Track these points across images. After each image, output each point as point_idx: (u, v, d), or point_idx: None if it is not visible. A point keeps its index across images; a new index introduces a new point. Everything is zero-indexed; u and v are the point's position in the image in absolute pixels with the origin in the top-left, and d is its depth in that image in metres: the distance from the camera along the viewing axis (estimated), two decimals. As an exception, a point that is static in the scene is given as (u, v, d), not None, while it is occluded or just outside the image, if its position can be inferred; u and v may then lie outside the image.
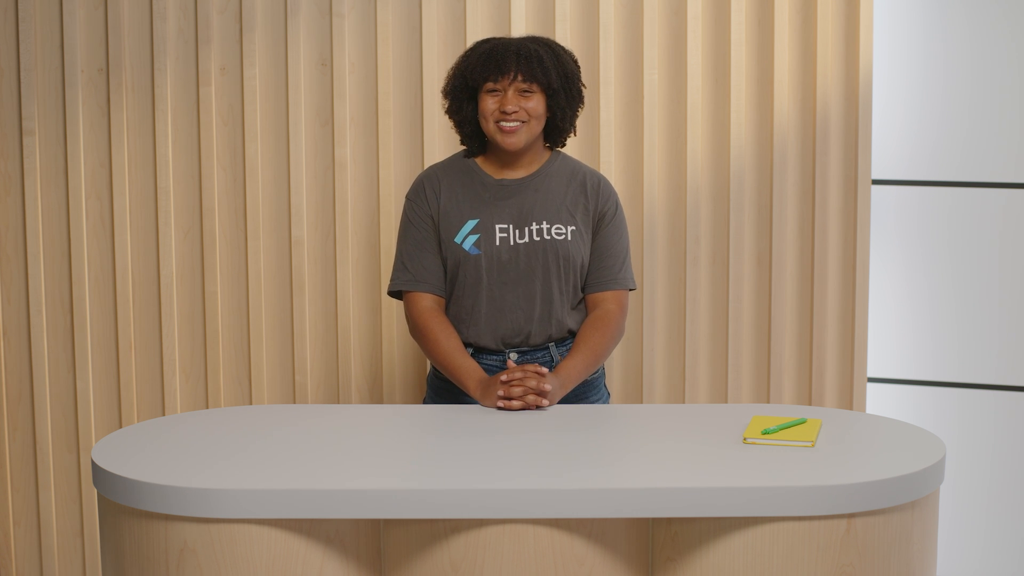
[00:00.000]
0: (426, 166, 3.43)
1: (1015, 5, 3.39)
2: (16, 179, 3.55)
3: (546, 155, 2.94)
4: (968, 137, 3.46)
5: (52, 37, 3.49)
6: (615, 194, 2.93)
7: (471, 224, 2.86)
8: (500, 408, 2.70)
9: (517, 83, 2.80)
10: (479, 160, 2.93)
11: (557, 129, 2.89)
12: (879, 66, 3.44)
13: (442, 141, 3.46)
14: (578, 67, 2.90)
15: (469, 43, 3.38)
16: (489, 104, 2.82)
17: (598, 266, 2.90)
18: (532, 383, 2.69)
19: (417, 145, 3.48)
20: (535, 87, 2.81)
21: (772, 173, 3.41)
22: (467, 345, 2.89)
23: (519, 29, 3.39)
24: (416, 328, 2.88)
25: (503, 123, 2.81)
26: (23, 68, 3.49)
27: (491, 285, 2.86)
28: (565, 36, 3.39)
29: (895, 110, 3.47)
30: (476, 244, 2.85)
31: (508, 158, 2.89)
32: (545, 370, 2.74)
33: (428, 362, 3.03)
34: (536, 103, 2.82)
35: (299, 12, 3.44)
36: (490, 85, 2.81)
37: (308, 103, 3.48)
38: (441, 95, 2.94)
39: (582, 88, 2.89)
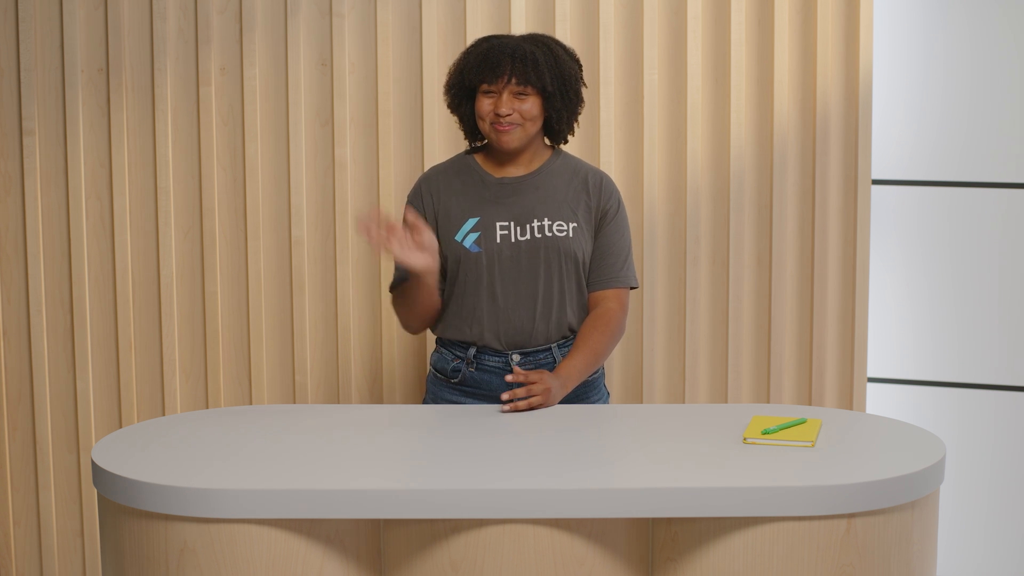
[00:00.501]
0: (426, 166, 3.44)
1: (1015, 5, 3.39)
2: (16, 179, 3.55)
3: (547, 153, 2.94)
4: (968, 137, 3.46)
5: (52, 37, 3.49)
6: (617, 192, 2.93)
7: (472, 222, 2.87)
8: (505, 411, 2.71)
9: (511, 86, 2.80)
10: (480, 158, 2.93)
11: (554, 130, 2.89)
12: (879, 66, 3.44)
13: (442, 141, 3.46)
14: (580, 66, 2.89)
15: (469, 43, 3.37)
16: (485, 106, 2.82)
17: (599, 264, 2.90)
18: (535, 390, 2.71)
19: (417, 145, 3.48)
20: (530, 89, 2.80)
21: (772, 173, 3.41)
22: (470, 344, 2.90)
23: (519, 29, 3.39)
24: (394, 305, 2.96)
25: (497, 125, 2.81)
26: (23, 68, 3.49)
27: (492, 283, 2.86)
28: (565, 36, 3.39)
29: (895, 110, 3.47)
30: (477, 242, 2.86)
31: (508, 156, 2.89)
32: (545, 372, 2.75)
33: (428, 362, 3.04)
34: (531, 105, 2.81)
35: (299, 12, 3.44)
36: (485, 87, 2.81)
37: (308, 103, 3.48)
38: (443, 90, 2.94)
39: (581, 88, 2.89)
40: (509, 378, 2.72)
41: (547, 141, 2.96)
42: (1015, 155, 3.44)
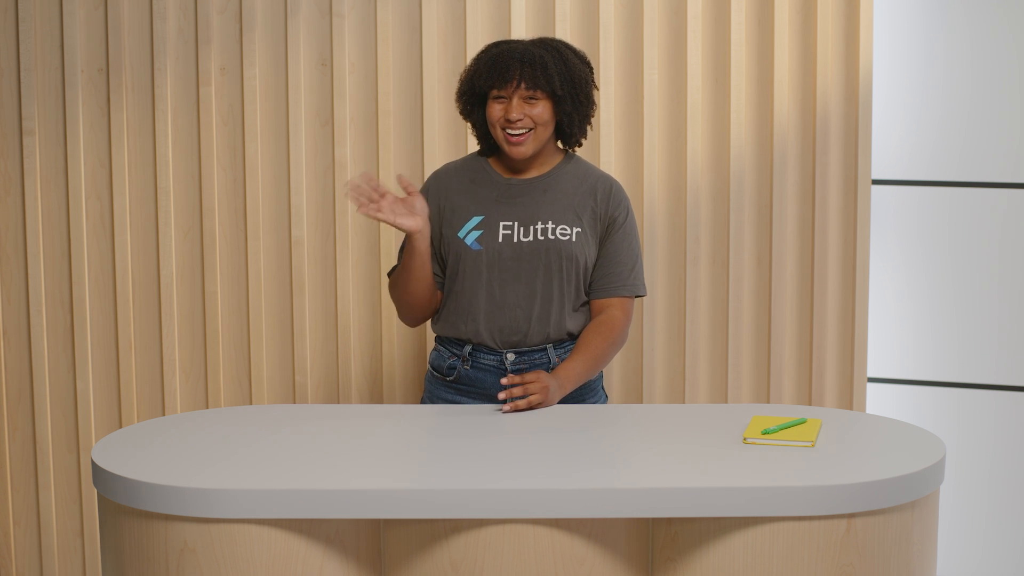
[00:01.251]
0: (426, 166, 3.44)
1: (1015, 5, 3.39)
2: (16, 179, 3.55)
3: (559, 157, 2.94)
4: (968, 137, 3.46)
5: (52, 37, 3.49)
6: (627, 200, 2.93)
7: (475, 220, 2.87)
8: (505, 411, 2.71)
9: (521, 91, 2.80)
10: (492, 159, 2.94)
11: (565, 133, 2.89)
12: (879, 66, 3.44)
13: (442, 141, 3.46)
14: (590, 70, 2.89)
15: (469, 43, 3.38)
16: (495, 111, 2.82)
17: (606, 272, 2.89)
18: (532, 389, 2.71)
19: (417, 145, 3.48)
20: (540, 94, 2.80)
21: (772, 173, 3.41)
22: (465, 342, 2.90)
23: (519, 29, 3.39)
24: (390, 289, 2.96)
25: (509, 132, 2.81)
26: (23, 68, 3.49)
27: (491, 281, 2.86)
28: (565, 36, 3.39)
29: (895, 110, 3.47)
30: (478, 240, 2.86)
31: (519, 161, 2.89)
32: (542, 371, 2.75)
33: (427, 362, 3.04)
34: (542, 110, 2.81)
35: (299, 12, 3.44)
36: (496, 92, 2.81)
37: (308, 103, 3.49)
38: (455, 97, 2.94)
39: (593, 92, 2.88)
40: (505, 381, 2.71)
41: (560, 145, 2.95)
42: (1015, 155, 3.44)
